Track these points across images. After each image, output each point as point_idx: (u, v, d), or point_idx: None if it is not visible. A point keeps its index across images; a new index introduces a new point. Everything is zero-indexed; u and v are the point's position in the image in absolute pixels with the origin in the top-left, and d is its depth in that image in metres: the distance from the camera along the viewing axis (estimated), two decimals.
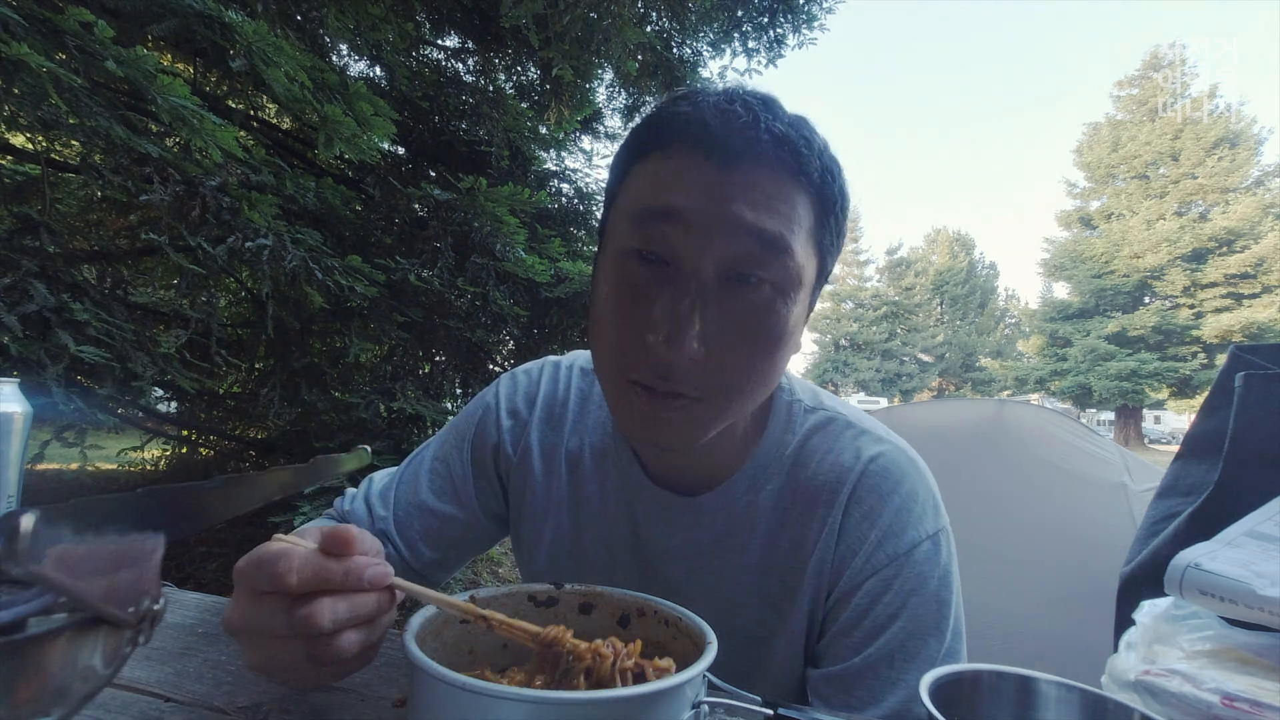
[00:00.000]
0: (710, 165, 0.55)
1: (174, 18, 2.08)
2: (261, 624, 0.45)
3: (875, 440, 0.69)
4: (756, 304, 0.57)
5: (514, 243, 2.98)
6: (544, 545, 0.78)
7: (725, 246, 0.55)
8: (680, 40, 4.11)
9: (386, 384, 3.15)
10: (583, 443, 0.78)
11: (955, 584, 0.66)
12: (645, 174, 0.59)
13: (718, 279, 0.56)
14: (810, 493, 0.68)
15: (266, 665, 0.48)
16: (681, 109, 0.58)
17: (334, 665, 0.46)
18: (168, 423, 3.70)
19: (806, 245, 0.58)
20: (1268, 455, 0.73)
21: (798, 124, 0.58)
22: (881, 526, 0.65)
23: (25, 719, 0.32)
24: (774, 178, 0.55)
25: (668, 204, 0.55)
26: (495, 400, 0.83)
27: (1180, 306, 24.87)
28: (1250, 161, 23.95)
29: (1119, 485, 2.40)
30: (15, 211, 2.15)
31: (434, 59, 4.13)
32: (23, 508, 0.29)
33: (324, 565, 0.45)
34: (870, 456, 0.68)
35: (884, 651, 0.62)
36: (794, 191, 0.56)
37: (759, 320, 0.57)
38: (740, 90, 0.59)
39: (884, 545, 0.64)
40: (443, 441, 0.84)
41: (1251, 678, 0.47)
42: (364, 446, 0.53)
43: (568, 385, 0.82)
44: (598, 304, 0.62)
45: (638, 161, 0.60)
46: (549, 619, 0.56)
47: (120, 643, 0.36)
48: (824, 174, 0.58)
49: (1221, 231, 23.44)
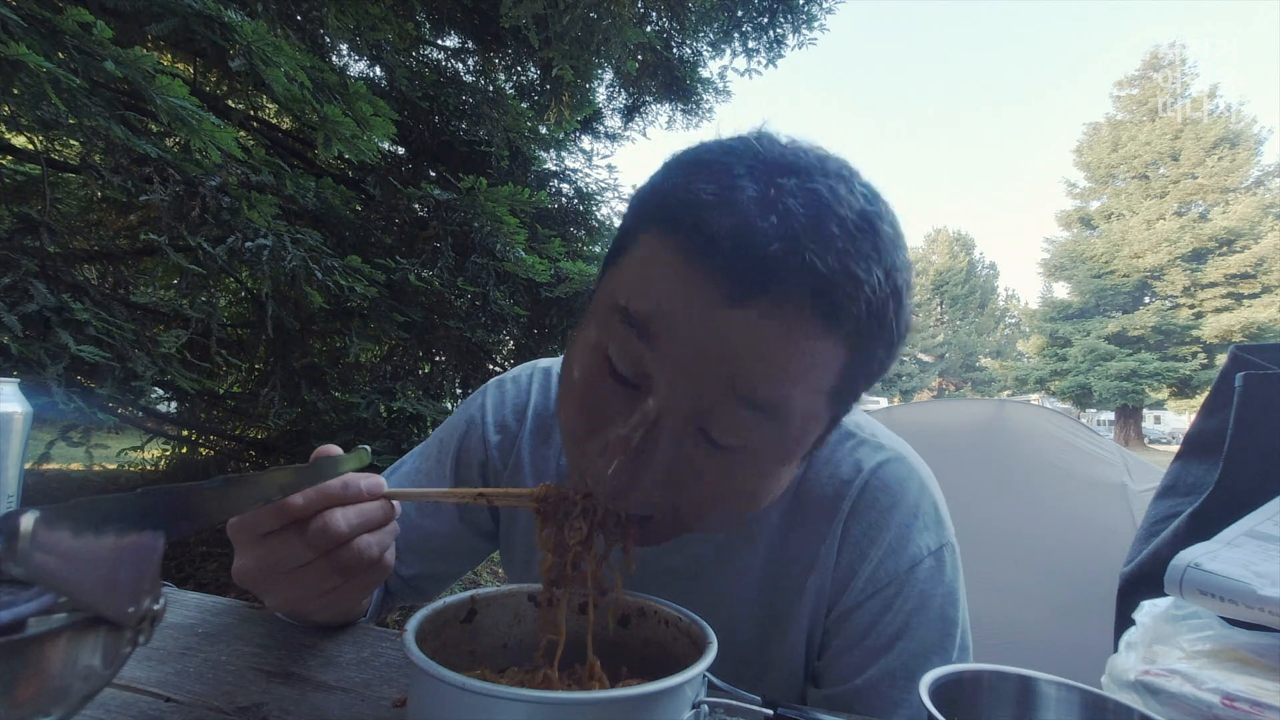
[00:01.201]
0: (713, 296, 0.43)
1: (173, 18, 2.08)
2: (278, 558, 0.46)
3: (875, 449, 0.66)
4: (733, 464, 0.48)
5: (514, 243, 2.98)
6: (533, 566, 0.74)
7: (703, 400, 0.45)
8: (680, 40, 4.11)
9: (386, 384, 3.16)
10: None
11: (961, 600, 0.64)
12: (644, 262, 0.47)
13: (688, 426, 0.47)
14: (809, 508, 0.65)
15: (293, 600, 0.49)
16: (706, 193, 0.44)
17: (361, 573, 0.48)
18: (168, 423, 3.70)
19: (817, 401, 0.48)
20: (1268, 455, 0.73)
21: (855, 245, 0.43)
22: (883, 544, 0.62)
23: (25, 719, 0.32)
24: (790, 331, 0.43)
25: (646, 320, 0.45)
26: (481, 414, 0.78)
27: (1180, 306, 24.87)
28: (1250, 161, 23.96)
29: (1119, 485, 2.40)
30: (15, 211, 2.15)
31: (434, 59, 4.13)
32: (23, 508, 0.29)
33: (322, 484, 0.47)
34: (870, 469, 0.64)
35: (885, 671, 0.61)
36: (818, 344, 0.45)
37: (729, 478, 0.49)
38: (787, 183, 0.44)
39: (885, 563, 0.62)
40: (424, 454, 0.82)
41: (1251, 678, 0.47)
42: (364, 446, 0.54)
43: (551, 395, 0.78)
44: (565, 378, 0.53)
45: (645, 233, 0.48)
46: (549, 619, 0.56)
47: (120, 643, 0.36)
48: (872, 318, 0.45)
49: (1221, 231, 23.45)
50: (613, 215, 4.39)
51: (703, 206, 0.44)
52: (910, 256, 0.49)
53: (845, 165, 0.48)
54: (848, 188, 0.45)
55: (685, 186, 0.46)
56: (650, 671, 0.52)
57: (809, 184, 0.44)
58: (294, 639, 0.67)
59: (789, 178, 0.44)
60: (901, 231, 0.48)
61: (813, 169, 0.46)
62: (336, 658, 0.63)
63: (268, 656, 0.62)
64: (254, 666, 0.60)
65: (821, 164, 0.47)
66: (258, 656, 0.62)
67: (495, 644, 0.54)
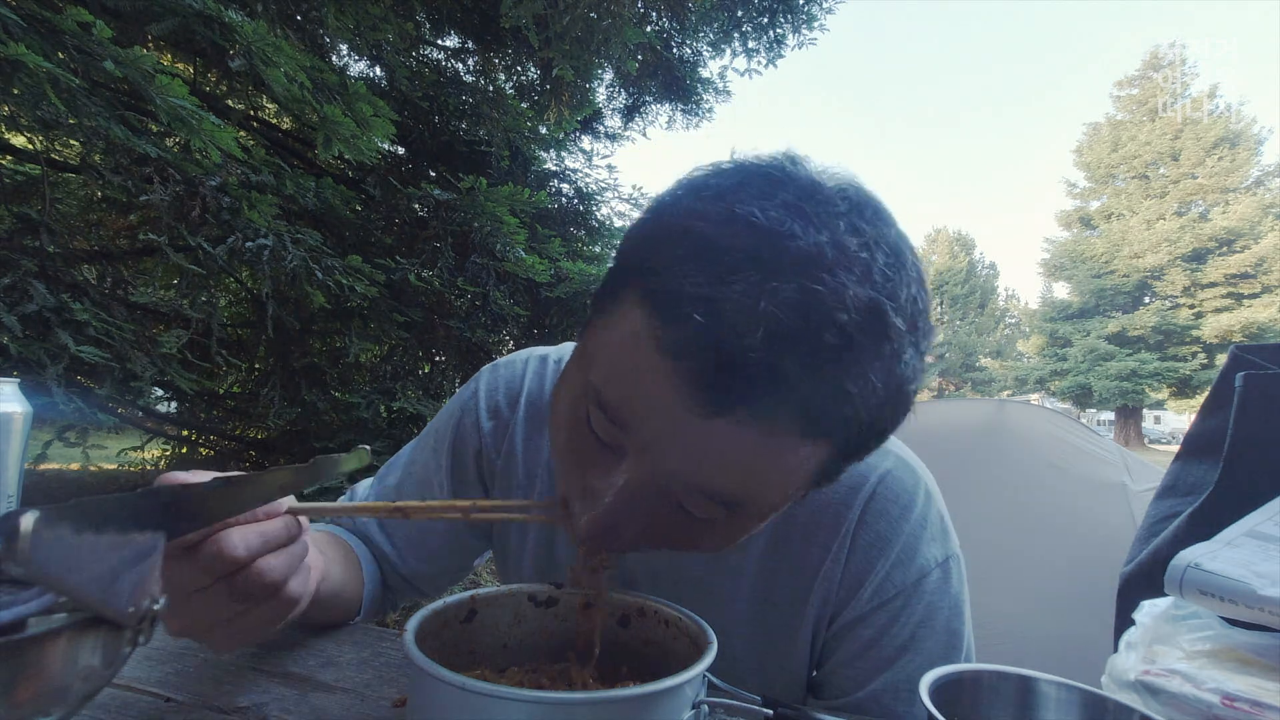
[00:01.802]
0: (687, 401, 0.40)
1: (173, 17, 2.08)
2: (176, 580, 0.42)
3: (881, 454, 0.63)
4: (710, 526, 0.48)
5: (514, 243, 2.98)
6: (526, 558, 0.73)
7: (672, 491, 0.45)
8: (680, 40, 4.11)
9: (386, 384, 3.16)
10: None
11: (966, 613, 0.63)
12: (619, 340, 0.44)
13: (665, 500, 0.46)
14: (810, 516, 0.62)
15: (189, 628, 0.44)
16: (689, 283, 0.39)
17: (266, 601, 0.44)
18: (168, 423, 3.70)
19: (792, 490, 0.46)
20: (1268, 455, 0.73)
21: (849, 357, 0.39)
22: (891, 555, 0.61)
23: (25, 719, 0.32)
24: (767, 441, 0.41)
25: (621, 416, 0.43)
26: (475, 400, 0.77)
27: (1180, 306, 24.88)
28: (1250, 161, 23.97)
29: (1119, 485, 2.40)
30: (15, 211, 2.15)
31: (434, 59, 4.13)
32: (23, 508, 0.29)
33: None
34: (878, 476, 0.62)
35: (889, 684, 0.60)
36: (800, 453, 0.42)
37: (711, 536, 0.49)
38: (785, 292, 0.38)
39: (893, 575, 0.60)
40: (420, 445, 0.81)
41: (1251, 678, 0.47)
42: (364, 446, 0.53)
43: (546, 382, 0.76)
44: (554, 405, 0.53)
45: (628, 291, 0.44)
46: (549, 619, 0.56)
47: (120, 643, 0.36)
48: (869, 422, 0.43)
49: (1221, 231, 23.46)
50: (613, 215, 4.39)
51: (685, 301, 0.39)
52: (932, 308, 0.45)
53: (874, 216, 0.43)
54: (862, 270, 0.40)
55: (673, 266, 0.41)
56: (650, 671, 0.52)
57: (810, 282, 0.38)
58: (294, 639, 0.67)
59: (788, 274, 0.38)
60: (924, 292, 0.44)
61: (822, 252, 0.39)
62: (336, 658, 0.63)
63: (268, 656, 0.62)
64: (254, 666, 0.60)
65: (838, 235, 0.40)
66: (258, 656, 0.62)
67: (495, 644, 0.54)
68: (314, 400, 2.99)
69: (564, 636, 0.56)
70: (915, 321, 0.42)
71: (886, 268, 0.41)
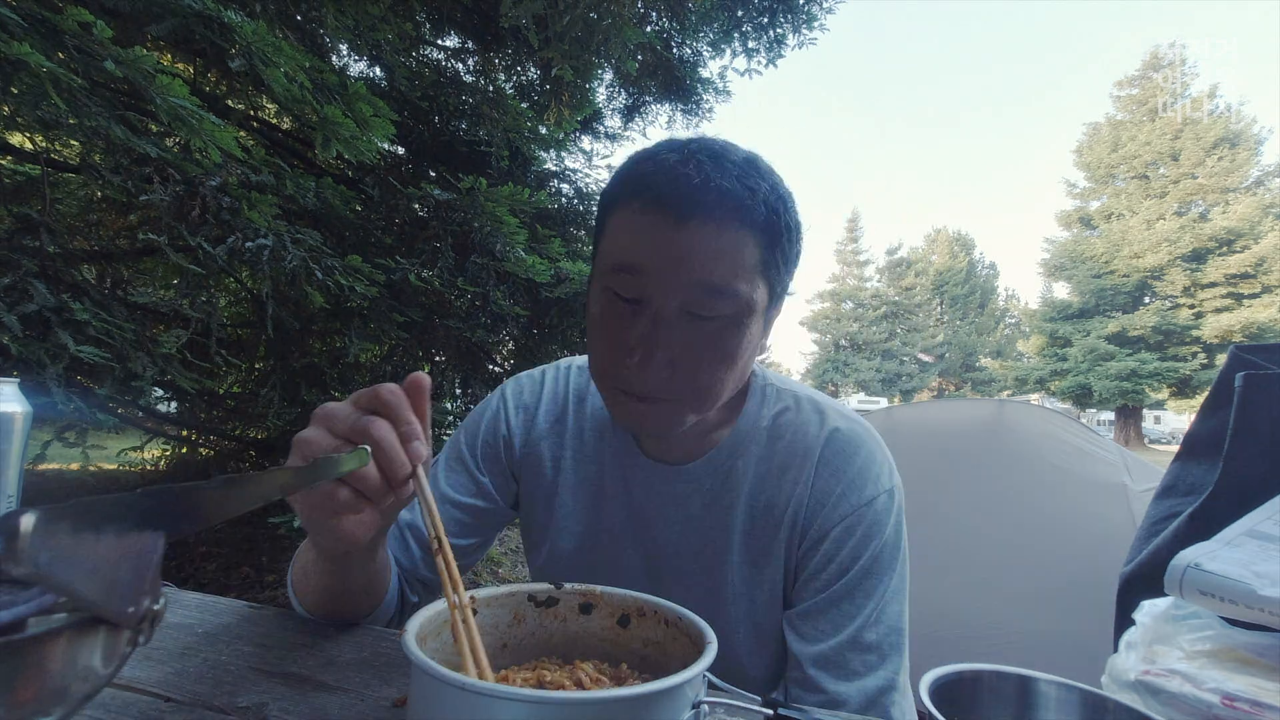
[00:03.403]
0: (666, 223, 0.65)
1: (173, 18, 2.08)
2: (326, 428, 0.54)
3: (839, 415, 0.82)
4: (710, 333, 0.68)
5: (514, 243, 2.98)
6: (553, 523, 0.86)
7: (679, 293, 0.66)
8: (680, 40, 4.11)
9: None
10: (583, 429, 0.87)
11: (904, 533, 0.78)
12: (618, 227, 0.69)
13: (678, 314, 0.67)
14: (785, 459, 0.78)
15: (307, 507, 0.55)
16: (645, 169, 0.68)
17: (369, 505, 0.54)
18: (168, 423, 3.70)
19: (754, 279, 0.68)
20: (1268, 455, 0.73)
21: (744, 172, 0.66)
22: (845, 481, 0.76)
23: (25, 719, 0.32)
24: (719, 229, 0.65)
25: (633, 262, 0.67)
26: (502, 401, 0.91)
27: (1180, 306, 24.86)
28: (1250, 161, 23.95)
29: (1119, 485, 2.40)
30: (15, 211, 2.15)
31: (434, 59, 4.13)
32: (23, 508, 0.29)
33: None
34: (833, 428, 0.79)
35: (847, 588, 0.73)
36: (739, 236, 0.65)
37: (714, 344, 0.68)
38: (694, 148, 0.67)
39: (848, 496, 0.75)
40: (454, 443, 0.91)
41: (1251, 678, 0.47)
42: (364, 447, 0.53)
43: (567, 382, 0.91)
44: (590, 321, 0.73)
45: (613, 212, 0.70)
46: (549, 619, 0.56)
47: (120, 643, 0.36)
48: (769, 214, 0.67)
49: (1221, 231, 23.44)
50: None
51: (645, 176, 0.67)
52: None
53: None
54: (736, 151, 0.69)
55: (633, 170, 0.69)
56: (650, 671, 0.52)
57: (709, 147, 0.68)
58: (294, 639, 0.67)
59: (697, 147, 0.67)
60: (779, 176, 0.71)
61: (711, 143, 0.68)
62: (336, 658, 0.63)
63: (268, 656, 0.62)
64: (254, 666, 0.60)
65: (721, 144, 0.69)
66: (258, 656, 0.62)
67: (495, 644, 0.54)
68: (314, 400, 2.99)
69: (564, 636, 0.56)
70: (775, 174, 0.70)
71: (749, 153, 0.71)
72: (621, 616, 0.55)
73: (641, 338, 0.66)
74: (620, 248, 0.68)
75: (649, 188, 0.66)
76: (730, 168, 0.65)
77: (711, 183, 0.64)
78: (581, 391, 0.90)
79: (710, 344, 0.68)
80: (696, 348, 0.67)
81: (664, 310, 0.66)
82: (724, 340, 0.68)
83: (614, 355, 0.69)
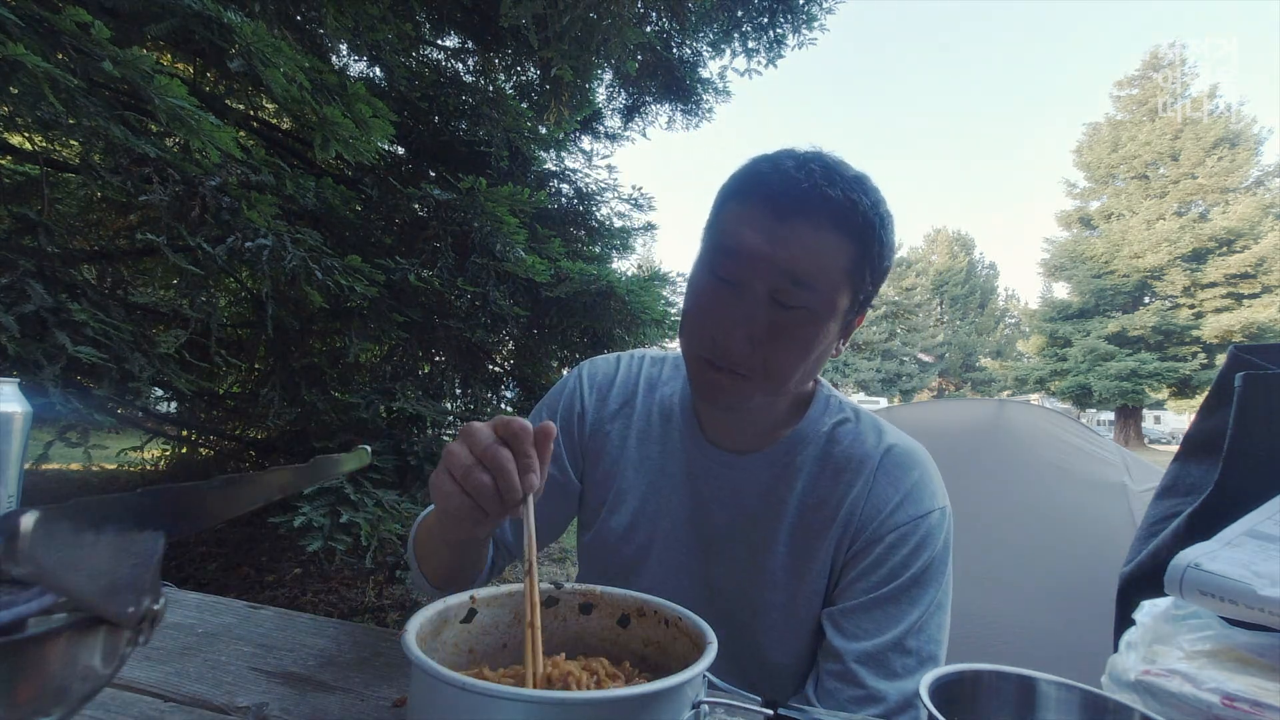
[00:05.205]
0: (769, 217, 0.72)
1: (172, 18, 2.08)
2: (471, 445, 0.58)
3: (896, 434, 0.87)
4: (791, 321, 0.74)
5: (514, 243, 2.97)
6: (611, 494, 0.92)
7: (768, 279, 0.72)
8: (680, 40, 4.11)
9: (386, 384, 3.15)
10: (651, 412, 0.93)
11: (951, 549, 0.82)
12: (729, 217, 0.76)
13: (765, 298, 0.73)
14: (841, 462, 0.84)
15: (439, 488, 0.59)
16: (763, 168, 0.75)
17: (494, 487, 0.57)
18: (168, 423, 3.70)
19: (839, 282, 0.73)
20: (1268, 455, 0.73)
21: (851, 186, 0.72)
22: (903, 492, 0.80)
23: (25, 719, 0.32)
24: (816, 230, 0.71)
25: (735, 246, 0.74)
26: (579, 381, 0.97)
27: (1180, 306, 24.84)
28: (1250, 161, 23.91)
29: (1119, 485, 2.39)
30: (14, 211, 2.15)
31: (434, 59, 4.13)
32: (23, 508, 0.29)
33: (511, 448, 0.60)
34: (891, 443, 0.85)
35: (893, 592, 0.76)
36: (833, 240, 0.71)
37: (792, 332, 0.74)
38: (809, 157, 0.74)
39: (905, 507, 0.80)
40: (535, 416, 0.97)
41: (1251, 678, 0.47)
42: (364, 446, 0.53)
43: (639, 370, 0.98)
44: (689, 295, 0.80)
45: (728, 203, 0.77)
46: (549, 619, 0.56)
47: (120, 643, 0.36)
48: (865, 227, 0.72)
49: (1221, 231, 23.41)
50: (612, 215, 4.38)
51: (762, 175, 0.74)
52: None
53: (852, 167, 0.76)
54: (849, 169, 0.75)
55: (751, 168, 0.76)
56: (650, 671, 0.52)
57: (824, 161, 0.74)
58: (294, 639, 0.67)
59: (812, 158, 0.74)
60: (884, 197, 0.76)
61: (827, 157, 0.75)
62: (336, 658, 0.63)
63: (268, 656, 0.62)
64: (254, 666, 0.60)
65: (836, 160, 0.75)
66: (258, 656, 0.62)
67: (495, 644, 0.54)
68: (314, 400, 2.99)
69: (564, 636, 0.56)
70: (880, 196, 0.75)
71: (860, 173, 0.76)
72: (621, 616, 0.55)
73: (730, 314, 0.73)
74: (726, 234, 0.75)
75: (763, 184, 0.73)
76: (839, 180, 0.71)
77: (818, 189, 0.70)
78: (653, 380, 0.96)
79: (789, 331, 0.74)
80: (776, 331, 0.73)
81: (753, 292, 0.72)
82: (802, 330, 0.74)
83: (705, 328, 0.76)
